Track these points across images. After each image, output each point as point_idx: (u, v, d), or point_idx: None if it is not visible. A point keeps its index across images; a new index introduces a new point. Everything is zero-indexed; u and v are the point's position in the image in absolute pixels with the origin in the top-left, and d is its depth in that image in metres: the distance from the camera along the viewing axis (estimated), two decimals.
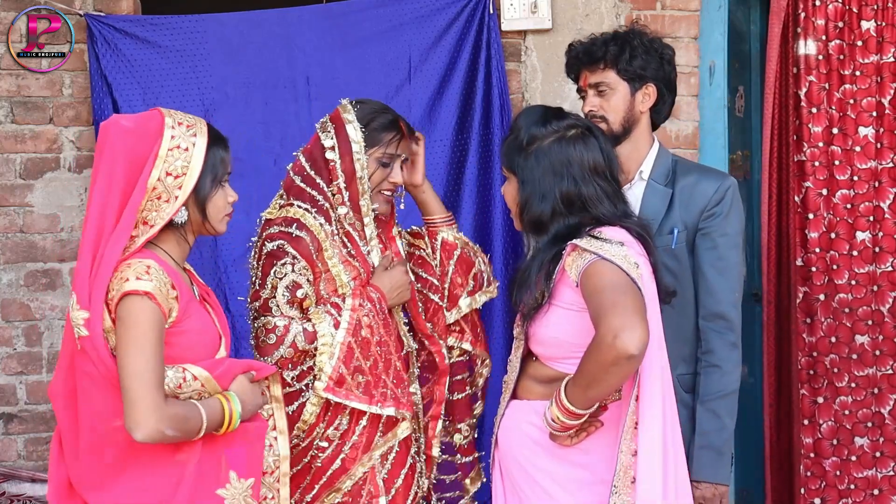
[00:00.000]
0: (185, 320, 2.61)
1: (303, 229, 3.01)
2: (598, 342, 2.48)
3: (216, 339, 2.70)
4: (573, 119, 2.80)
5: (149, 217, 2.59)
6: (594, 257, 2.58)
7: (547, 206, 2.70)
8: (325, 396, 2.95)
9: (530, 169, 2.73)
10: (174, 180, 2.60)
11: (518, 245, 4.23)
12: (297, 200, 3.07)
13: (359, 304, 3.00)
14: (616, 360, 2.45)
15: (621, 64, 3.10)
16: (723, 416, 3.03)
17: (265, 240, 3.02)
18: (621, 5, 4.25)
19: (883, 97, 4.21)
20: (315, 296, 3.02)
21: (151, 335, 2.49)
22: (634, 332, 2.44)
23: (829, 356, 4.23)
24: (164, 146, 2.59)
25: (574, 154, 2.71)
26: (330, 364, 2.94)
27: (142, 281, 2.51)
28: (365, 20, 4.25)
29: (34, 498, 3.98)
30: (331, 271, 3.03)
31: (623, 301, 2.49)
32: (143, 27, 4.20)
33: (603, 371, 2.49)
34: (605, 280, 2.54)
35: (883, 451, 4.24)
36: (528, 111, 2.87)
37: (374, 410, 2.98)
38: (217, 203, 2.69)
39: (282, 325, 2.96)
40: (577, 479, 2.69)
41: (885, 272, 4.23)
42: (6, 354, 4.31)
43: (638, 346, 2.44)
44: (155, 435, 2.45)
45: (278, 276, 2.98)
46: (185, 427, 2.50)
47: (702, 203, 3.09)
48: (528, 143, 2.75)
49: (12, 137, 4.29)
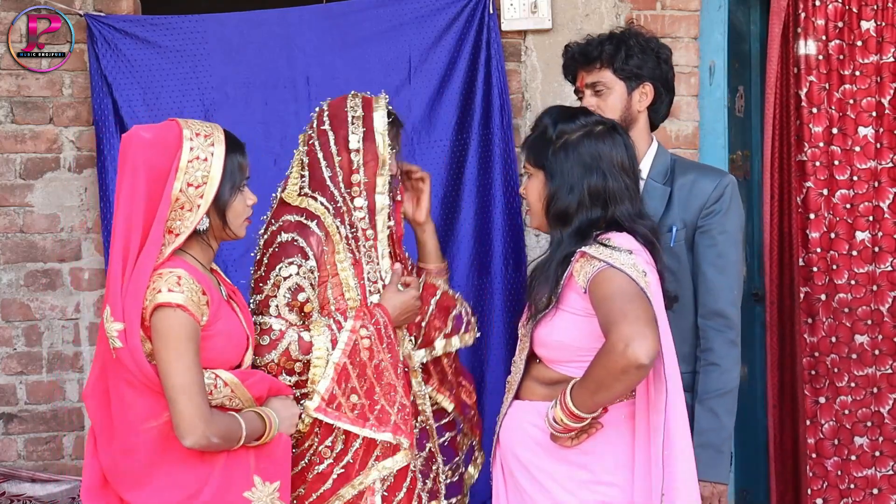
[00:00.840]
0: (216, 323, 2.70)
1: (322, 228, 2.98)
2: (608, 350, 2.51)
3: (244, 339, 2.80)
4: (598, 116, 2.85)
5: (173, 226, 2.68)
6: (603, 265, 2.60)
7: (574, 199, 2.73)
8: (315, 416, 2.92)
9: (560, 162, 2.76)
10: (195, 190, 2.68)
11: (518, 245, 4.23)
12: (320, 196, 3.04)
13: (360, 325, 2.95)
14: (626, 369, 2.48)
15: (617, 63, 3.11)
16: (721, 415, 3.03)
17: (281, 228, 2.98)
18: (621, 5, 4.25)
19: (883, 97, 4.21)
20: (319, 300, 2.99)
21: (190, 346, 2.62)
22: (645, 341, 2.47)
23: (830, 356, 4.24)
24: (185, 158, 2.68)
25: (604, 149, 2.75)
26: (323, 384, 2.91)
27: (174, 293, 2.61)
28: (365, 20, 4.25)
29: (34, 498, 3.98)
30: (339, 275, 3.00)
31: (633, 309, 2.52)
32: (143, 27, 4.20)
33: (612, 378, 2.52)
34: (615, 287, 2.57)
35: (882, 451, 4.24)
36: (552, 110, 2.90)
37: (367, 434, 2.93)
38: (236, 208, 2.78)
39: (278, 328, 2.93)
40: (578, 479, 2.70)
41: (885, 272, 4.23)
42: (6, 354, 4.31)
43: (649, 355, 2.47)
44: (203, 442, 2.61)
45: (282, 276, 2.94)
46: (228, 437, 2.65)
47: (701, 200, 3.09)
48: (557, 138, 2.77)
49: (12, 137, 4.29)
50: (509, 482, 2.85)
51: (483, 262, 4.23)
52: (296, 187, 3.08)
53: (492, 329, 4.19)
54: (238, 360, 2.78)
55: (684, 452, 2.63)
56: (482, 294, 4.23)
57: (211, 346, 2.68)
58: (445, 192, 4.24)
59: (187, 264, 2.69)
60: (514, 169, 4.22)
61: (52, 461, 4.30)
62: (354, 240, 3.04)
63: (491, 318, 4.19)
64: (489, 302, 4.22)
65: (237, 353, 2.77)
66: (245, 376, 2.75)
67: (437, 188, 4.24)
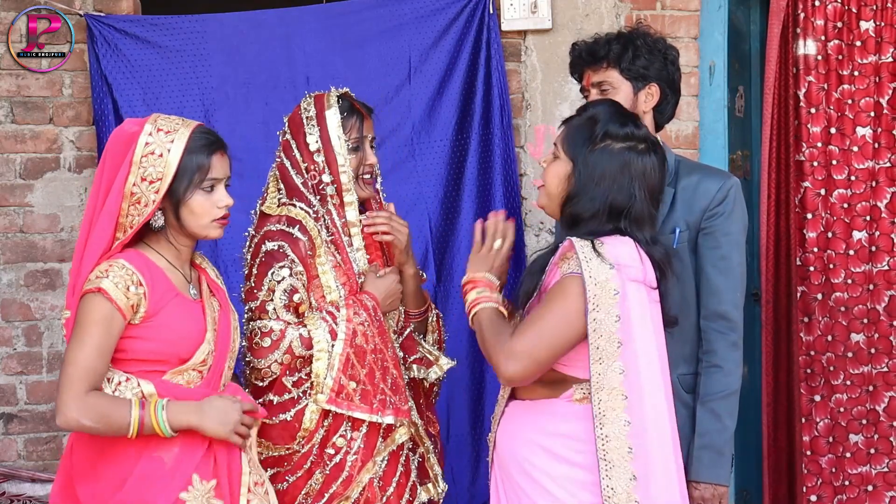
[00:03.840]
0: (159, 314, 2.68)
1: (304, 232, 3.01)
2: (500, 349, 2.66)
3: (199, 334, 2.74)
4: (645, 131, 2.74)
5: (131, 221, 2.68)
6: (577, 272, 2.59)
7: (592, 207, 2.65)
8: (328, 408, 2.96)
9: (593, 165, 2.66)
10: (149, 185, 2.67)
11: (518, 244, 4.23)
12: (298, 202, 3.06)
13: (353, 313, 3.00)
14: (495, 368, 2.68)
15: (624, 63, 3.09)
16: (723, 417, 3.02)
17: (265, 237, 3.01)
18: (621, 5, 4.25)
19: (881, 97, 4.22)
20: (308, 300, 3.03)
21: (92, 329, 2.60)
22: (519, 369, 2.63)
23: (826, 354, 4.25)
24: (138, 153, 2.67)
25: (638, 167, 2.65)
26: (330, 376, 2.94)
27: (99, 279, 2.62)
28: (365, 20, 4.25)
29: (34, 498, 3.98)
30: (320, 278, 3.03)
31: (536, 340, 2.61)
32: (143, 27, 4.20)
33: (486, 352, 2.71)
34: (554, 309, 2.62)
35: (877, 448, 4.25)
36: (610, 104, 2.80)
37: (374, 419, 2.99)
38: (194, 208, 2.73)
39: (278, 328, 2.96)
40: (577, 479, 2.68)
41: (881, 271, 4.24)
42: (6, 354, 4.30)
43: (510, 374, 2.65)
44: (72, 423, 2.58)
45: (276, 280, 2.97)
46: (106, 421, 2.59)
47: (704, 202, 3.07)
48: (601, 138, 2.67)
49: (12, 137, 4.29)
50: (507, 484, 2.82)
51: None
52: (274, 200, 3.10)
53: None
54: (189, 354, 2.72)
55: (661, 450, 2.63)
56: None
57: (153, 335, 2.67)
58: (445, 192, 4.24)
59: (141, 256, 2.69)
60: (514, 169, 4.23)
61: (52, 461, 4.30)
62: (334, 244, 3.07)
63: None
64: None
65: (188, 345, 2.72)
66: (191, 394, 2.70)
67: (437, 188, 4.25)
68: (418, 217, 4.20)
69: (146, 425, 2.60)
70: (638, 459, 2.58)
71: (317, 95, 3.14)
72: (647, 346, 2.63)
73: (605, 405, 2.58)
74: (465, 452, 4.24)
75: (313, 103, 3.12)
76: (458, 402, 4.23)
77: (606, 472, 2.58)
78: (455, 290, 4.22)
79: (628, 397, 2.59)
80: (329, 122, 3.08)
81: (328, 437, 3.01)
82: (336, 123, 3.07)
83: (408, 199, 4.16)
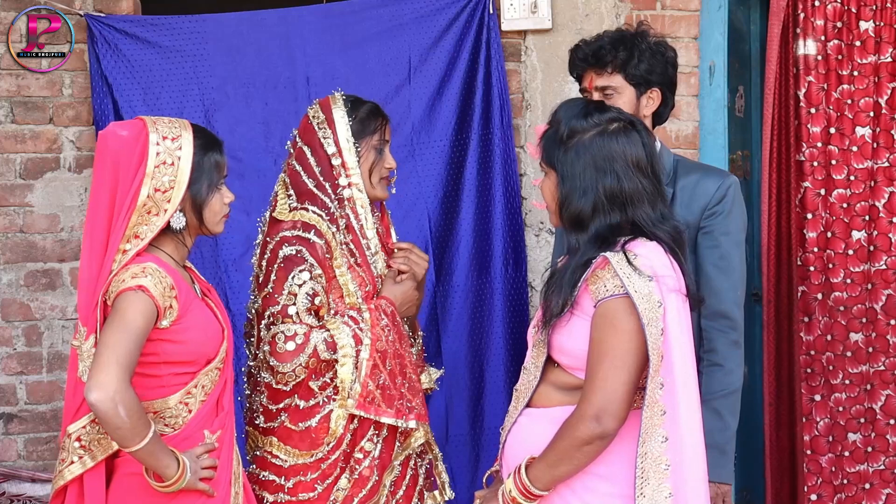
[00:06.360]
0: (187, 316, 2.69)
1: (320, 236, 2.99)
2: (578, 417, 2.48)
3: (219, 331, 2.79)
4: (615, 112, 2.68)
5: (139, 231, 2.67)
6: (620, 293, 2.49)
7: (588, 203, 2.58)
8: (358, 414, 2.96)
9: (570, 163, 2.61)
10: (162, 195, 2.68)
11: (518, 245, 4.23)
12: (311, 206, 3.04)
13: (376, 318, 3.00)
14: (591, 440, 2.47)
15: (629, 69, 3.09)
16: (725, 416, 3.03)
17: (281, 243, 2.99)
18: (621, 5, 4.25)
19: (880, 97, 4.22)
20: (328, 303, 3.02)
21: (139, 317, 2.58)
22: (615, 417, 2.46)
23: (826, 354, 4.25)
24: (150, 164, 2.67)
25: (616, 148, 2.58)
26: (358, 381, 2.94)
27: (136, 278, 2.61)
28: (365, 20, 4.25)
29: (34, 498, 3.97)
30: (338, 280, 3.02)
31: (613, 377, 2.46)
32: (143, 27, 4.20)
33: (575, 448, 2.48)
34: (615, 339, 2.49)
35: (875, 446, 4.26)
36: (568, 104, 2.74)
37: (400, 424, 3.00)
38: (214, 207, 2.77)
39: (302, 332, 2.94)
40: (599, 490, 2.58)
41: (879, 270, 4.24)
42: (6, 354, 4.30)
43: (614, 427, 2.46)
44: (108, 403, 2.50)
45: (297, 283, 2.95)
46: (134, 421, 2.54)
47: (703, 201, 3.08)
48: (568, 137, 2.62)
49: (12, 137, 4.28)
50: None
51: (483, 262, 4.23)
52: (285, 206, 3.08)
53: (491, 328, 4.20)
54: (215, 353, 2.75)
55: (695, 459, 2.55)
56: (482, 294, 4.23)
57: (185, 338, 2.68)
58: (445, 192, 4.24)
59: (158, 259, 2.70)
60: (514, 169, 4.23)
61: (52, 461, 4.29)
62: (354, 244, 3.06)
63: (491, 318, 4.20)
64: (489, 302, 4.22)
65: (214, 345, 2.76)
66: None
67: (437, 188, 4.25)
68: (418, 217, 4.20)
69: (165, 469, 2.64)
70: (675, 475, 2.51)
71: (321, 101, 3.14)
72: (685, 357, 2.56)
73: (647, 422, 2.50)
74: (465, 453, 4.23)
75: (320, 108, 3.12)
76: (457, 403, 4.23)
77: (641, 489, 2.50)
78: (455, 289, 4.22)
79: (666, 412, 2.51)
80: (337, 123, 3.08)
81: (355, 441, 2.99)
82: (345, 125, 3.07)
83: (408, 199, 4.16)
